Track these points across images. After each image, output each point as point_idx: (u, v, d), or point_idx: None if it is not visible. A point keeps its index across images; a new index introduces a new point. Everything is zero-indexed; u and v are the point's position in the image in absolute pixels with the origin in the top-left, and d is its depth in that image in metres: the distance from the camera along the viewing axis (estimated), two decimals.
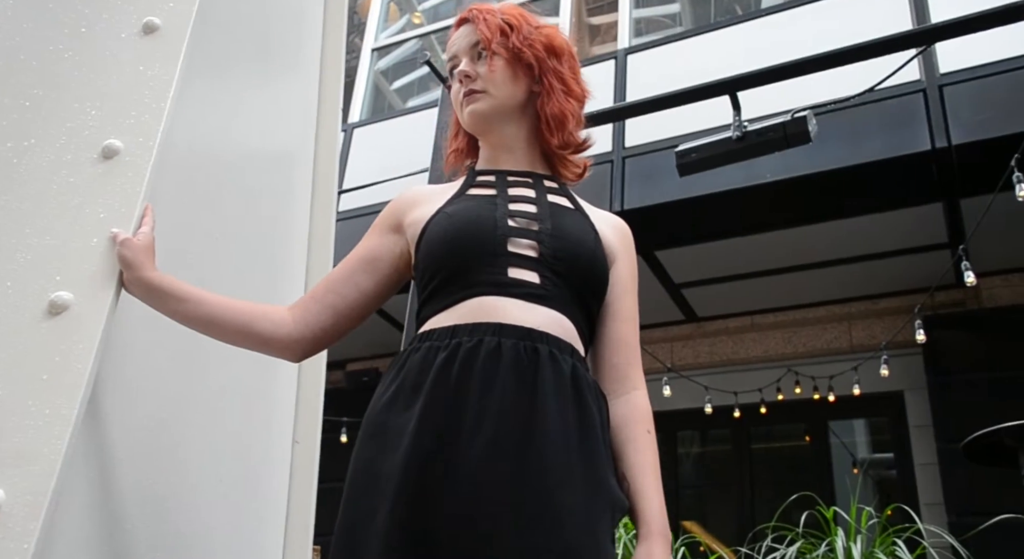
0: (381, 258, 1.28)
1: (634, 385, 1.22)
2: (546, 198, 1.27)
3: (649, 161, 5.22)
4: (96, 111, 1.27)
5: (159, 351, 1.40)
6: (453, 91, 1.33)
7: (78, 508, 1.16)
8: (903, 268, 5.64)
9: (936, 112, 4.58)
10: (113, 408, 1.26)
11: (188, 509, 1.45)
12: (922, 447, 5.58)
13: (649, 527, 1.09)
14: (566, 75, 1.32)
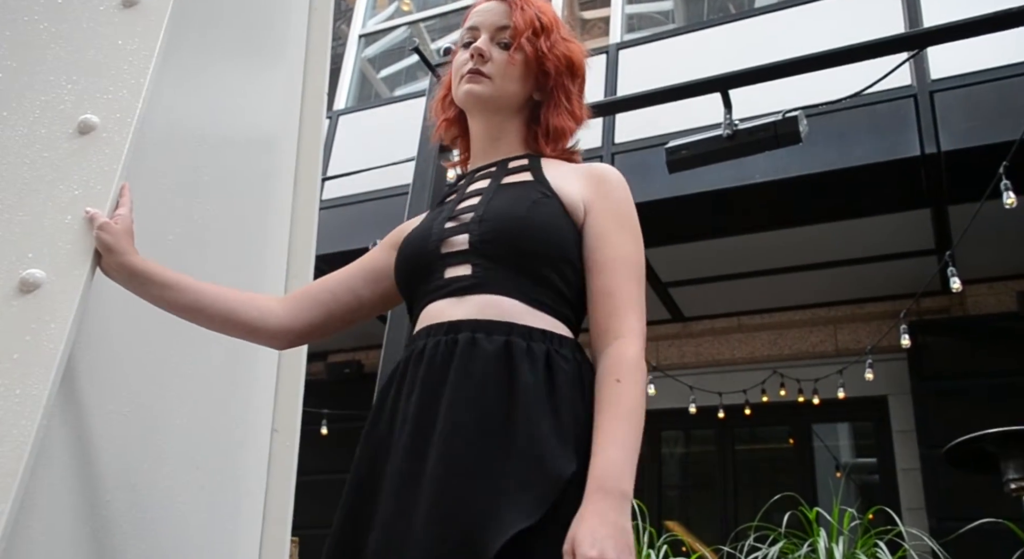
0: (380, 271, 1.29)
1: (616, 335, 1.10)
2: (498, 182, 1.22)
3: (639, 158, 5.20)
4: (72, 85, 1.24)
5: (136, 333, 1.37)
6: (458, 61, 1.29)
7: (49, 491, 1.13)
8: (890, 273, 5.66)
9: (926, 118, 4.59)
10: (87, 391, 1.23)
11: (163, 496, 1.42)
12: (905, 452, 5.60)
13: (590, 483, 0.96)
14: (574, 95, 1.32)
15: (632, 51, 5.82)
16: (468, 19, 1.31)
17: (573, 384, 1.07)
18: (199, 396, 1.57)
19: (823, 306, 6.20)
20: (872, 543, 2.06)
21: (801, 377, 5.88)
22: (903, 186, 4.77)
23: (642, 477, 6.53)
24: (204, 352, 1.57)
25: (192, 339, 1.55)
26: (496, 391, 1.02)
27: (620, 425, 1.01)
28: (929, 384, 5.43)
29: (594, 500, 0.94)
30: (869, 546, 2.05)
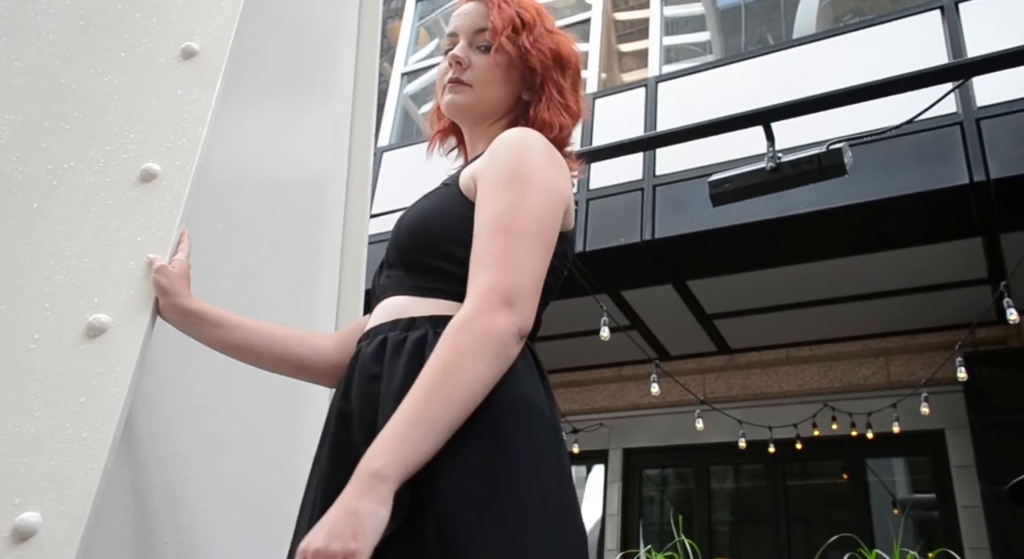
0: None
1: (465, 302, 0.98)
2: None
3: (680, 190, 5.19)
4: (135, 135, 1.29)
5: (194, 375, 1.39)
6: (440, 69, 1.26)
7: (113, 532, 1.15)
8: (942, 303, 5.53)
9: (974, 145, 4.51)
10: (148, 432, 1.25)
11: (218, 536, 1.43)
12: (965, 488, 5.42)
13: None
14: (567, 89, 1.23)
15: (671, 84, 5.84)
16: (449, 24, 1.27)
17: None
18: (254, 436, 1.60)
19: (874, 337, 6.07)
20: None
21: (853, 410, 5.75)
22: (952, 215, 4.68)
23: (691, 513, 6.42)
24: (260, 392, 1.59)
25: (248, 380, 1.58)
26: (364, 398, 1.00)
27: (407, 401, 0.90)
28: (988, 417, 5.26)
29: (350, 485, 0.85)
30: None
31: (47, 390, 1.09)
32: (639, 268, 5.41)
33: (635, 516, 6.58)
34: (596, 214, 5.43)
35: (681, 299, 5.79)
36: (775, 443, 5.90)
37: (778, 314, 5.97)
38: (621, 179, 5.47)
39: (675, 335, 6.37)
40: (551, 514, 0.91)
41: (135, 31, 1.39)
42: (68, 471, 1.03)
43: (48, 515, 1.00)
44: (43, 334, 1.14)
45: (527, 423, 0.95)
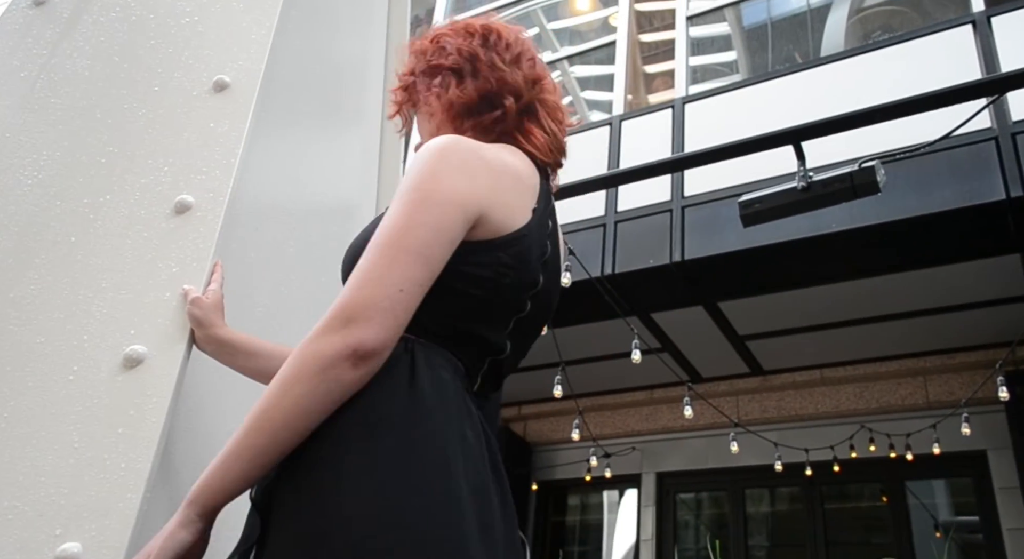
0: None
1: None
2: None
3: (709, 210, 5.16)
4: (168, 167, 1.31)
5: (230, 402, 1.40)
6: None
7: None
8: (980, 321, 5.41)
9: (1010, 161, 4.43)
10: (186, 462, 1.26)
11: None
12: (1010, 510, 5.27)
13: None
14: (443, 71, 1.20)
15: (698, 104, 5.83)
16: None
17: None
18: None
19: (911, 357, 5.96)
20: None
21: (891, 431, 5.64)
22: (989, 231, 4.59)
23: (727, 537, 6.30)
24: None
25: None
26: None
27: (240, 430, 0.90)
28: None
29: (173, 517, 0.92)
30: None
31: (86, 421, 1.11)
32: (669, 290, 5.38)
33: (670, 541, 6.48)
34: (625, 236, 5.41)
35: (712, 320, 5.73)
36: (812, 466, 5.80)
37: (812, 334, 5.88)
38: (650, 201, 5.45)
39: (707, 357, 6.31)
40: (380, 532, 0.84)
41: (168, 65, 1.42)
42: (107, 501, 1.04)
43: (88, 545, 1.01)
44: (81, 366, 1.16)
45: (371, 444, 0.89)
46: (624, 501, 6.96)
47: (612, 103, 6.44)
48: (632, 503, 6.80)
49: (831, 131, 3.40)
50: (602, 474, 6.52)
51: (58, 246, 1.24)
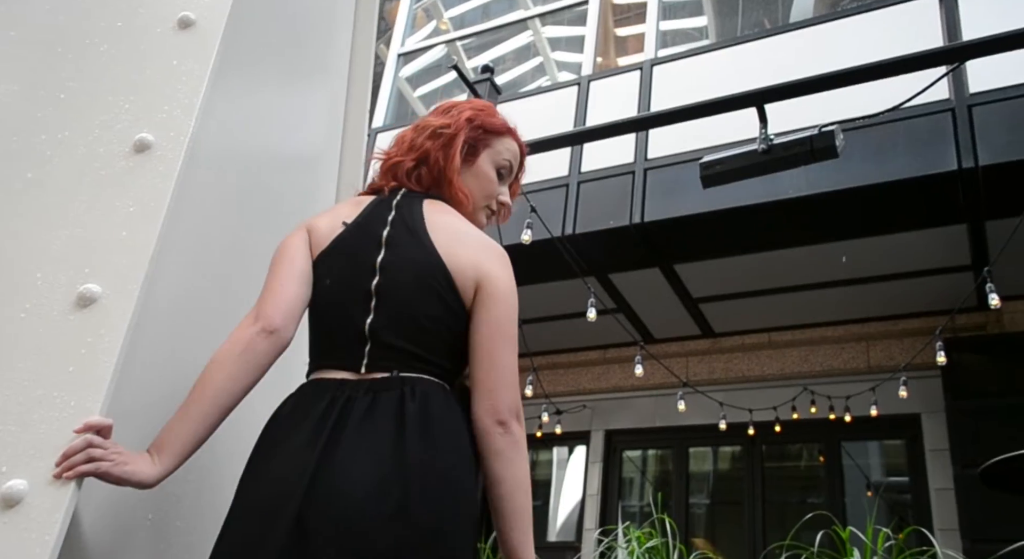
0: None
1: None
2: None
3: (671, 173, 5.20)
4: (129, 105, 1.28)
5: (183, 345, 1.40)
6: (494, 189, 1.44)
7: (99, 501, 1.16)
8: (924, 289, 5.58)
9: (964, 132, 4.54)
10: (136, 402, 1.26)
11: (206, 500, 1.44)
12: (938, 471, 5.51)
13: None
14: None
15: (667, 67, 5.83)
16: (512, 154, 1.46)
17: None
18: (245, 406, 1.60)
19: (855, 322, 6.13)
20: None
21: (832, 394, 5.82)
22: (939, 201, 4.71)
23: (670, 494, 6.48)
24: None
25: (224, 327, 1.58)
26: None
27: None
28: (964, 402, 5.34)
29: None
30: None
31: (36, 359, 1.10)
32: (628, 251, 5.43)
33: (614, 496, 6.65)
34: (587, 197, 5.43)
35: (668, 283, 5.82)
36: (754, 426, 5.98)
37: (762, 299, 6.01)
38: (613, 162, 5.47)
39: (660, 318, 6.41)
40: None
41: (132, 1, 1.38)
42: (56, 439, 1.04)
43: (35, 483, 1.01)
44: (33, 304, 1.14)
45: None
46: (573, 458, 7.10)
47: (581, 65, 6.41)
48: (580, 460, 6.95)
49: (794, 94, 3.44)
50: (553, 431, 6.64)
51: (14, 182, 1.21)
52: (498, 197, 1.43)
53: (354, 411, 1.14)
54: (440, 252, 1.25)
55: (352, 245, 1.29)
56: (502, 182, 1.43)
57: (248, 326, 1.22)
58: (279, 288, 1.26)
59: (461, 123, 1.39)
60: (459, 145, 1.37)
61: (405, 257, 1.25)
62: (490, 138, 1.42)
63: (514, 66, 7.99)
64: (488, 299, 1.22)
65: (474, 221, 1.39)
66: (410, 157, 1.38)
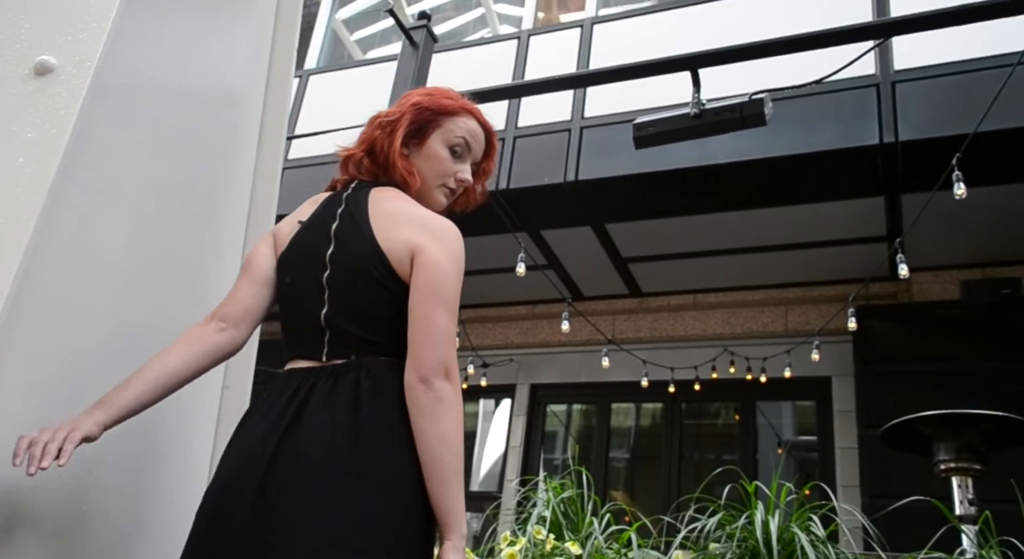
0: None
1: None
2: None
3: (606, 133, 5.22)
4: (31, 25, 1.21)
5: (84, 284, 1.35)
6: (449, 168, 1.45)
7: None
8: (842, 258, 5.79)
9: (887, 108, 4.68)
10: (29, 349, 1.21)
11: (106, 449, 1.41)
12: (844, 431, 5.78)
13: None
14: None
15: (607, 27, 5.81)
16: (466, 132, 1.47)
17: None
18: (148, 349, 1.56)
19: (776, 287, 6.33)
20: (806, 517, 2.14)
21: (751, 355, 6.01)
22: (861, 174, 4.86)
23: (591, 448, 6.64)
24: (157, 304, 1.56)
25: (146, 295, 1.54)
26: None
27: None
28: (872, 367, 5.60)
29: None
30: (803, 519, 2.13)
31: None
32: (560, 208, 5.46)
33: (537, 449, 6.78)
34: (522, 153, 5.42)
35: (599, 241, 5.88)
36: (676, 384, 6.14)
37: (690, 261, 6.14)
38: (550, 119, 5.46)
39: (590, 276, 6.49)
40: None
41: None
42: None
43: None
44: None
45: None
46: (498, 411, 7.19)
47: (523, 19, 6.33)
48: (505, 412, 7.04)
49: (727, 61, 3.48)
50: (479, 383, 6.70)
51: None
52: (455, 175, 1.45)
53: (315, 394, 1.23)
54: (377, 238, 1.31)
55: (306, 242, 1.37)
56: (459, 160, 1.46)
57: (202, 323, 1.37)
58: (235, 293, 1.40)
59: (406, 108, 1.45)
60: (402, 129, 1.42)
61: (349, 248, 1.32)
62: (440, 119, 1.45)
63: (455, 16, 7.85)
64: (418, 268, 1.27)
65: (430, 201, 1.44)
66: (360, 149, 1.46)
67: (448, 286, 1.27)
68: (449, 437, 1.18)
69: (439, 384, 1.19)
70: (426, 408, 1.18)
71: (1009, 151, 4.42)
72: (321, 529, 1.11)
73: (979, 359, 5.31)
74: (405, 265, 1.28)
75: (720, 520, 2.23)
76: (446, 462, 1.17)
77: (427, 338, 1.22)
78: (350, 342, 1.28)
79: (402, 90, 3.94)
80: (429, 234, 1.31)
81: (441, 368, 1.20)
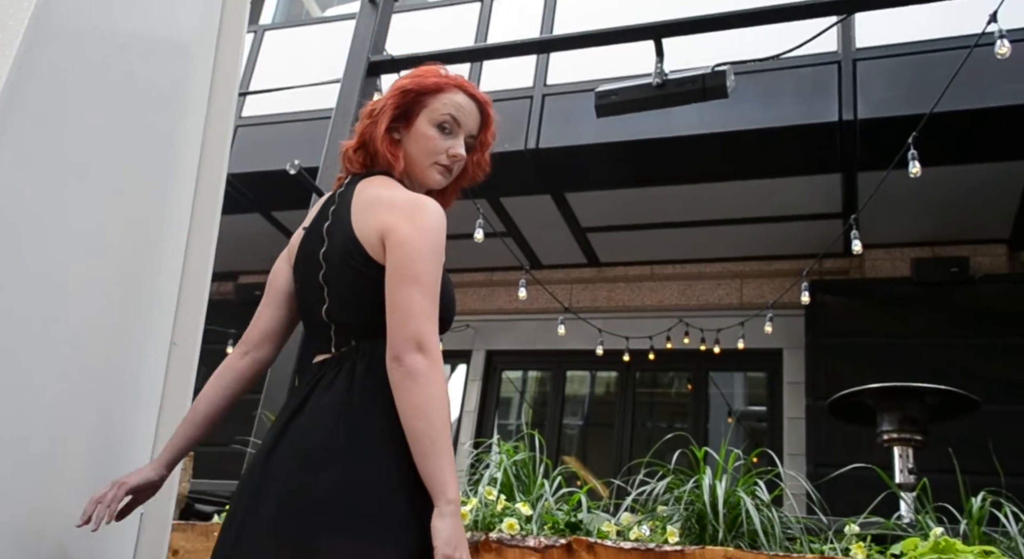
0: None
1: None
2: None
3: (568, 102, 5.19)
4: None
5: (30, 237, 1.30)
6: (439, 145, 1.46)
7: None
8: (797, 233, 5.87)
9: (847, 85, 4.72)
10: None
11: (51, 402, 1.38)
12: (793, 402, 5.92)
13: None
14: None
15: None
16: (452, 107, 1.46)
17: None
18: (96, 306, 1.53)
19: (732, 260, 6.41)
20: (752, 482, 2.19)
21: (705, 327, 6.10)
22: (819, 150, 4.92)
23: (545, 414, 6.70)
24: (106, 261, 1.52)
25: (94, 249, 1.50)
26: None
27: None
28: (822, 340, 5.72)
29: None
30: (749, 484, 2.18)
31: None
32: (521, 176, 5.43)
33: (491, 414, 6.83)
34: None
35: (558, 210, 5.88)
36: (630, 353, 6.21)
37: (648, 232, 6.18)
38: (511, 85, 5.41)
39: (548, 245, 6.50)
40: None
41: None
42: None
43: None
44: None
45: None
46: (454, 376, 7.21)
47: None
48: (461, 378, 7.07)
49: (692, 31, 3.48)
50: None
51: None
52: (447, 151, 1.46)
53: (323, 381, 1.32)
54: (355, 229, 1.35)
55: (307, 245, 1.44)
56: (450, 136, 1.46)
57: (233, 350, 1.49)
58: (256, 316, 1.50)
59: (391, 94, 1.47)
60: (387, 115, 1.44)
61: (335, 243, 1.38)
62: (425, 98, 1.45)
63: None
64: (390, 249, 1.31)
65: (425, 181, 1.47)
66: (354, 143, 1.49)
67: (417, 261, 1.29)
68: (423, 409, 1.21)
69: (410, 359, 1.22)
70: (399, 383, 1.23)
71: (962, 133, 4.51)
72: (312, 495, 1.19)
73: (925, 335, 5.46)
74: (379, 250, 1.32)
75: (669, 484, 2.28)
76: (422, 433, 1.20)
77: (395, 316, 1.26)
78: (350, 332, 1.35)
79: (360, 50, 3.87)
80: (398, 214, 1.33)
81: (410, 344, 1.23)
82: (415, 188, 1.47)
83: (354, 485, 1.20)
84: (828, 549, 2.06)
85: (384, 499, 1.20)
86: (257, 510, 1.23)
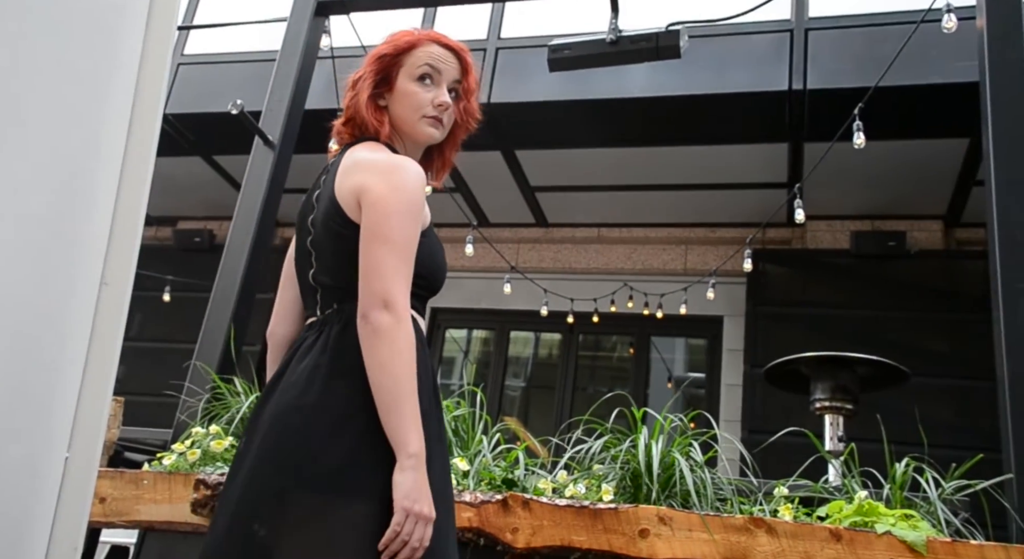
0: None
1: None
2: None
3: (521, 57, 5.11)
4: None
5: None
6: (424, 98, 1.47)
7: None
8: (743, 201, 5.94)
9: (799, 54, 4.74)
10: None
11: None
12: (731, 369, 6.04)
13: None
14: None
15: None
16: (431, 58, 1.48)
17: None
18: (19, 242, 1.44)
19: (678, 226, 6.45)
20: (687, 443, 2.22)
21: (649, 291, 6.15)
22: (768, 119, 4.95)
23: (488, 374, 6.71)
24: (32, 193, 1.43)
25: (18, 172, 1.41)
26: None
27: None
28: (763, 309, 5.83)
29: None
30: (684, 446, 2.22)
31: None
32: None
33: None
34: None
35: (508, 168, 5.82)
36: (574, 315, 6.24)
37: (596, 194, 6.17)
38: (464, 36, 5.28)
39: (497, 203, 6.45)
40: None
41: None
42: None
43: None
44: None
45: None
46: None
47: None
48: None
49: None
50: None
51: None
52: (432, 102, 1.47)
53: (304, 345, 1.38)
54: (335, 192, 1.39)
55: (301, 214, 1.50)
56: (433, 86, 1.48)
57: (269, 329, 1.57)
58: (276, 298, 1.58)
59: (370, 62, 1.51)
60: (368, 82, 1.48)
61: (320, 209, 1.43)
62: (402, 57, 1.49)
63: None
64: (364, 208, 1.34)
65: (419, 137, 1.49)
66: (343, 117, 1.53)
67: (388, 218, 1.31)
68: (386, 365, 1.25)
69: (375, 316, 1.26)
70: (365, 340, 1.27)
71: (906, 107, 4.57)
72: (283, 453, 1.26)
73: (862, 306, 5.61)
74: (356, 210, 1.35)
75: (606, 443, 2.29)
76: (385, 389, 1.24)
77: (365, 275, 1.29)
78: (334, 295, 1.39)
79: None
80: (374, 173, 1.36)
81: (376, 301, 1.27)
82: (411, 149, 1.51)
83: (320, 437, 1.25)
84: (757, 510, 2.10)
85: (350, 453, 1.25)
86: (238, 472, 1.31)
